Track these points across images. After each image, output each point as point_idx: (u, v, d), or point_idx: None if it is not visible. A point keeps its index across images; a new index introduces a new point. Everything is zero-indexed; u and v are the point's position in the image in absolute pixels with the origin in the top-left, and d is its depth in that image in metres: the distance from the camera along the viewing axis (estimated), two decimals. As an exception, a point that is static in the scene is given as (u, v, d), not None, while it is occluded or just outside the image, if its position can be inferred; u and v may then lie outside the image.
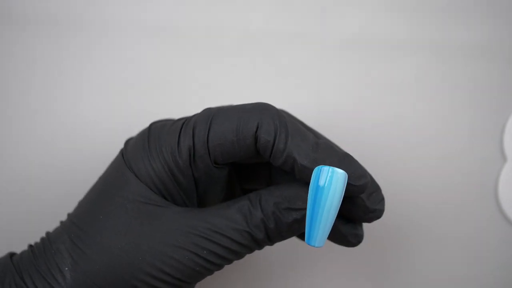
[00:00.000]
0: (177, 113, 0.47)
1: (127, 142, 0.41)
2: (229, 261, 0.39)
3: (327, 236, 0.37)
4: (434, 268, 0.54)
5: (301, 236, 0.41)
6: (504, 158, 0.54)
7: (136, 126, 0.45)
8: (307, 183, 0.38)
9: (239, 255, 0.39)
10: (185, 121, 0.39)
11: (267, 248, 0.41)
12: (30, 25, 0.50)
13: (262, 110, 0.39)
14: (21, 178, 0.50)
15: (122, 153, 0.40)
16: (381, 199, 0.40)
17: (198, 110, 0.40)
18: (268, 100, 0.52)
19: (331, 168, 0.36)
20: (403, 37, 0.53)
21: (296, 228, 0.39)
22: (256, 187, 0.44)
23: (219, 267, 0.39)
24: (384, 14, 0.53)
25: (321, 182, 0.36)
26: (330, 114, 0.52)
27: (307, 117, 0.47)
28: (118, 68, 0.51)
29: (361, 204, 0.39)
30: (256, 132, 0.38)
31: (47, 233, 0.40)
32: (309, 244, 0.37)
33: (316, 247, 0.37)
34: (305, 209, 0.38)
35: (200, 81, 0.52)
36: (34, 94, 0.50)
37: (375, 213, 0.40)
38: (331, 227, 0.37)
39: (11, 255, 0.40)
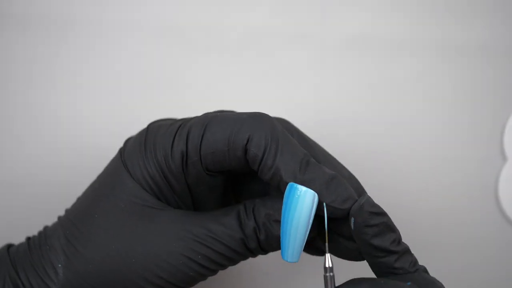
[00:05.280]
0: (177, 112, 0.47)
1: (126, 142, 0.41)
2: (223, 267, 0.39)
3: (300, 252, 0.37)
4: (434, 267, 0.54)
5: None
6: (504, 158, 0.54)
7: (135, 124, 0.45)
8: None
9: (233, 262, 0.39)
10: (181, 124, 0.39)
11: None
12: (30, 25, 0.50)
13: (256, 121, 0.37)
14: (24, 175, 0.50)
15: (121, 152, 0.40)
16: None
17: (198, 109, 0.41)
18: (268, 100, 0.53)
19: (299, 187, 0.36)
20: (403, 37, 0.53)
21: None
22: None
23: (213, 272, 0.39)
24: (384, 14, 0.53)
25: (289, 200, 0.36)
26: (330, 114, 0.52)
27: (307, 117, 0.47)
28: (118, 68, 0.51)
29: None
30: (246, 144, 0.37)
31: (45, 228, 0.40)
32: (283, 259, 0.37)
33: (289, 262, 0.37)
34: None
35: (200, 80, 0.52)
36: (34, 94, 0.50)
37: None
38: (302, 244, 0.36)
39: (9, 246, 0.40)
